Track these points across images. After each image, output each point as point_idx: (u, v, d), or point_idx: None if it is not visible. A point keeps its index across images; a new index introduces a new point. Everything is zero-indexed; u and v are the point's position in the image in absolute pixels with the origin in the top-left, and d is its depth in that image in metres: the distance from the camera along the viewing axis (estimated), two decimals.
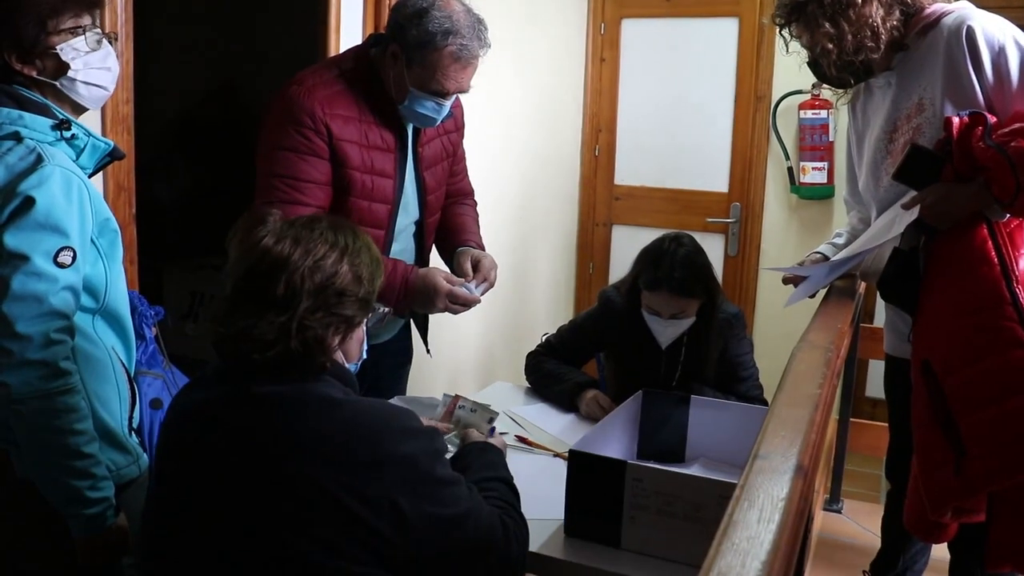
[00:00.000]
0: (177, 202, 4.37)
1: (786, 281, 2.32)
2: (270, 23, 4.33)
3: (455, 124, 2.39)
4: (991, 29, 1.87)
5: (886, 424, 2.43)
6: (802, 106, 4.26)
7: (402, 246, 2.31)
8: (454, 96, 2.17)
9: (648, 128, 4.67)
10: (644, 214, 4.71)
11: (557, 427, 2.35)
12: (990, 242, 1.77)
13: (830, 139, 4.22)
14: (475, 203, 2.58)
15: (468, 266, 2.27)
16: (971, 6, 1.98)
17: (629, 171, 4.74)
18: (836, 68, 2.00)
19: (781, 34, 2.08)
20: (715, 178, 4.57)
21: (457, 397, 2.15)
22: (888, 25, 1.95)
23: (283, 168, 2.05)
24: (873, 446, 3.24)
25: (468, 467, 1.62)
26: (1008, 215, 1.80)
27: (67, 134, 1.57)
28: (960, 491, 1.77)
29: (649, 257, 2.39)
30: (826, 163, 4.25)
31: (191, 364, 1.99)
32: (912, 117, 1.98)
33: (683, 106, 4.58)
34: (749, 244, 4.53)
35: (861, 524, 3.15)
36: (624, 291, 2.49)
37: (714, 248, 4.50)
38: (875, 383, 4.08)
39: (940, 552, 2.44)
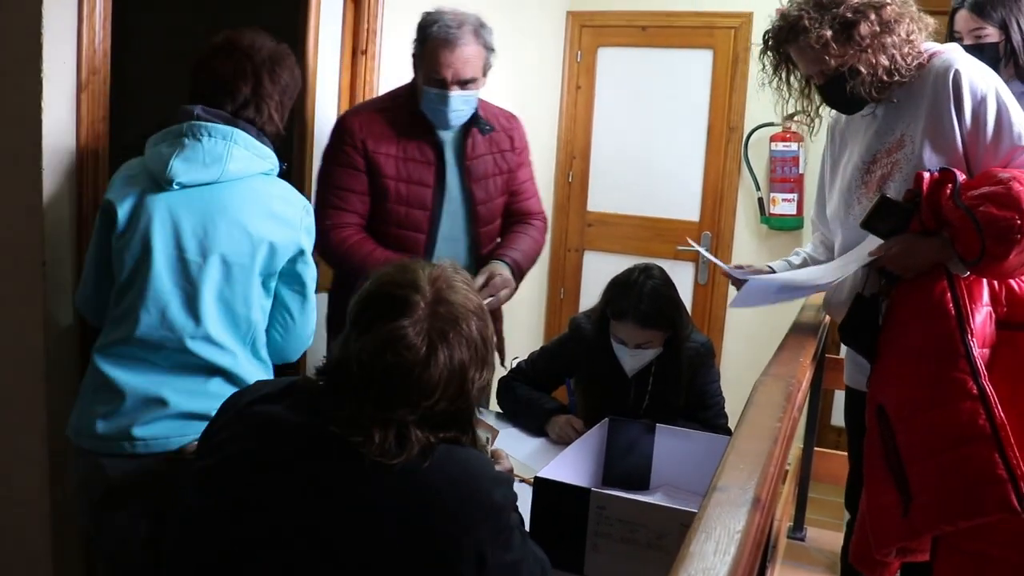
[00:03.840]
0: None
1: (728, 275, 2.34)
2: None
3: (510, 143, 2.62)
4: (976, 77, 1.89)
5: None
6: (773, 138, 4.33)
7: (450, 254, 2.49)
8: (461, 90, 2.37)
9: (622, 156, 4.72)
10: (616, 241, 4.75)
11: (524, 452, 2.36)
12: (949, 294, 1.80)
13: (800, 171, 4.29)
14: (539, 224, 2.73)
15: (482, 278, 2.43)
16: (960, 49, 2.01)
17: (602, 198, 4.78)
18: (877, 89, 1.95)
19: (778, 51, 2.03)
20: (687, 207, 4.62)
21: None
22: (920, 47, 1.94)
23: (327, 177, 2.48)
24: (837, 475, 3.25)
25: None
26: (968, 272, 1.83)
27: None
28: (905, 533, 1.81)
29: (618, 287, 2.43)
30: (796, 195, 4.31)
31: None
32: (892, 152, 2.00)
33: (657, 135, 4.64)
34: (719, 273, 4.58)
35: (824, 552, 3.18)
36: (594, 319, 2.52)
37: (684, 276, 4.55)
38: (840, 412, 4.11)
39: None
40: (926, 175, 1.84)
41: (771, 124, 4.32)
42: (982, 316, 1.82)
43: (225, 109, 1.86)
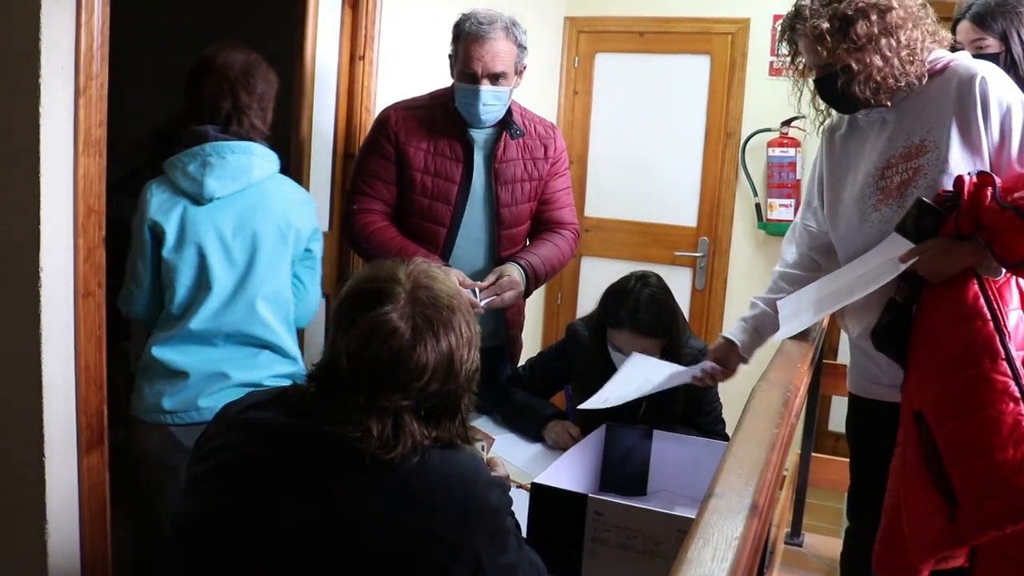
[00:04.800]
0: None
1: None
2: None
3: (544, 152, 2.67)
4: (1001, 87, 1.89)
5: (847, 460, 2.45)
6: (771, 144, 4.33)
7: (469, 252, 2.61)
8: (492, 85, 2.46)
9: (619, 161, 4.72)
10: (613, 246, 4.75)
11: (523, 458, 2.36)
12: (982, 298, 1.79)
13: (797, 177, 4.29)
14: (568, 235, 2.76)
15: (492, 277, 2.52)
16: (970, 57, 2.00)
17: (599, 203, 4.79)
18: (871, 90, 1.94)
19: (791, 40, 2.01)
20: (684, 212, 4.62)
21: None
22: (923, 56, 1.93)
23: (360, 165, 2.62)
24: (835, 480, 3.27)
25: None
26: (1003, 274, 1.82)
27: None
28: (951, 540, 1.77)
29: (615, 295, 2.42)
30: (793, 200, 4.30)
31: None
32: (912, 157, 1.96)
33: (654, 140, 4.64)
34: (716, 278, 4.58)
35: (821, 558, 3.18)
36: (591, 326, 2.52)
37: (682, 282, 4.55)
38: (837, 418, 4.13)
39: None
40: (966, 178, 1.81)
41: (769, 130, 4.33)
42: (1015, 319, 1.81)
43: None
